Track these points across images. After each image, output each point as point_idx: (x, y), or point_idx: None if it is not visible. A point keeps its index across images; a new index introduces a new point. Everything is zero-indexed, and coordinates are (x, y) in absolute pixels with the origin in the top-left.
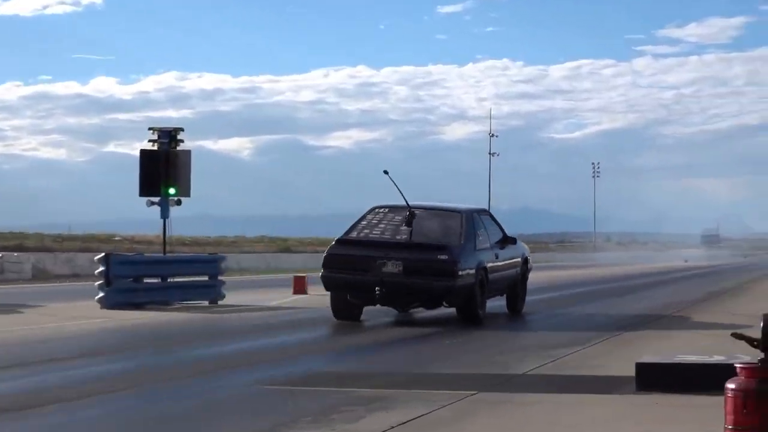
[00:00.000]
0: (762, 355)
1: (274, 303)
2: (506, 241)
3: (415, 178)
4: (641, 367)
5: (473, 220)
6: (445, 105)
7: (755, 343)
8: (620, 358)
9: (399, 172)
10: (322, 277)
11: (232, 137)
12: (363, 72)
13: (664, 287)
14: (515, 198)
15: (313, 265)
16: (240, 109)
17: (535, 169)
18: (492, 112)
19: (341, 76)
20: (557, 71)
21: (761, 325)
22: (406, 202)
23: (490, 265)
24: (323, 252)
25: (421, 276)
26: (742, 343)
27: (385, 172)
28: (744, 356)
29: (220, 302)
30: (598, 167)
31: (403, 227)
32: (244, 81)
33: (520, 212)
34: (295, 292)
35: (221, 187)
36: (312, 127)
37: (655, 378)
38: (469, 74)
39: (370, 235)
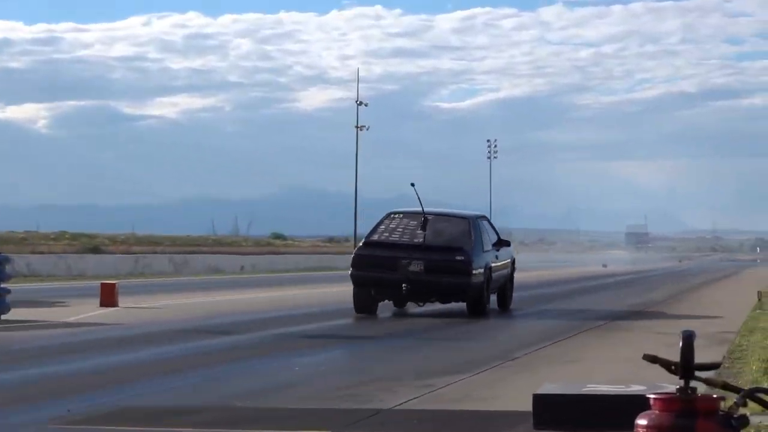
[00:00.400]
0: (681, 383)
1: (75, 318)
2: (501, 243)
3: (260, 158)
4: (540, 400)
5: (478, 225)
6: (300, 64)
7: (672, 367)
8: (515, 387)
9: (237, 149)
10: (352, 275)
11: (24, 103)
12: (194, 20)
13: (575, 299)
14: (390, 183)
15: (127, 270)
16: (35, 66)
17: (416, 148)
18: (360, 74)
19: (166, 25)
20: (444, 22)
21: (680, 345)
22: (422, 209)
23: (493, 265)
24: (141, 254)
25: (440, 274)
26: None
27: (412, 185)
28: (670, 385)
29: (3, 316)
30: (496, 146)
31: (419, 231)
32: (40, 30)
33: (395, 202)
34: (103, 305)
35: (8, 168)
36: (128, 91)
37: (558, 413)
38: (331, 25)
39: (391, 238)
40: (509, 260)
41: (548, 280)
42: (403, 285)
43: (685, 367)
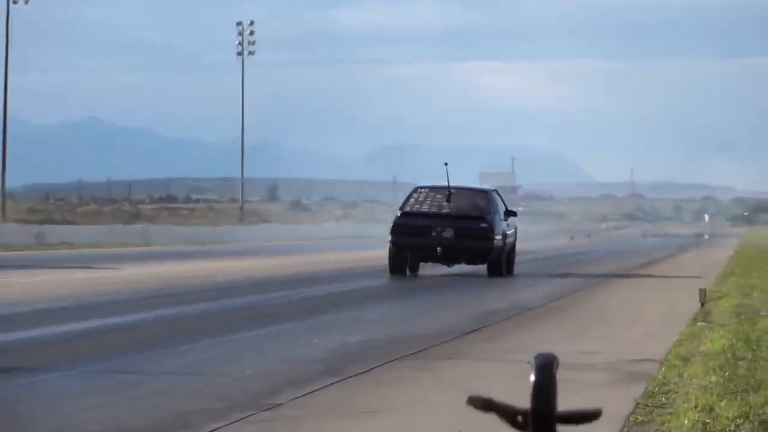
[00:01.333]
0: None
1: None
2: (509, 213)
3: None
4: None
5: (494, 197)
6: None
7: (519, 418)
8: None
9: None
10: (392, 241)
11: None
12: None
13: (378, 306)
14: (62, 101)
15: None
16: None
17: (111, 33)
18: None
19: None
20: None
21: (531, 379)
22: (448, 184)
23: (507, 232)
24: None
25: (467, 239)
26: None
27: (445, 164)
28: None
29: None
30: (252, 33)
31: (446, 203)
32: None
33: (82, 131)
34: None
35: None
36: None
37: None
38: None
39: (422, 209)
40: (515, 229)
41: (315, 273)
42: (438, 248)
43: (540, 416)
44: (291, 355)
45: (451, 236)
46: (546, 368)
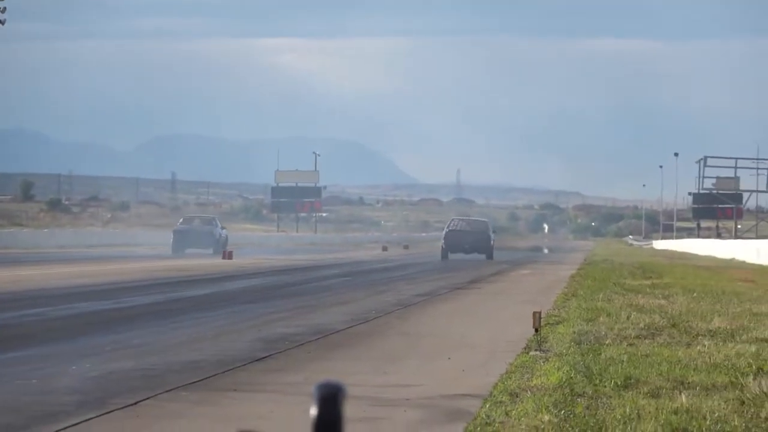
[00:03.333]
0: None
1: None
2: (494, 231)
3: None
4: None
5: (489, 223)
6: None
7: None
8: None
9: None
10: (444, 243)
11: None
12: None
13: (157, 327)
14: None
15: None
16: None
17: None
18: None
19: None
20: None
21: (313, 413)
22: (470, 217)
23: (494, 239)
24: None
25: (479, 242)
26: None
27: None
28: None
29: None
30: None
31: (467, 226)
32: None
33: None
34: None
35: None
36: None
37: None
38: None
39: (457, 228)
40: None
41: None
42: (466, 245)
43: None
44: (42, 385)
45: (472, 241)
46: (330, 398)
